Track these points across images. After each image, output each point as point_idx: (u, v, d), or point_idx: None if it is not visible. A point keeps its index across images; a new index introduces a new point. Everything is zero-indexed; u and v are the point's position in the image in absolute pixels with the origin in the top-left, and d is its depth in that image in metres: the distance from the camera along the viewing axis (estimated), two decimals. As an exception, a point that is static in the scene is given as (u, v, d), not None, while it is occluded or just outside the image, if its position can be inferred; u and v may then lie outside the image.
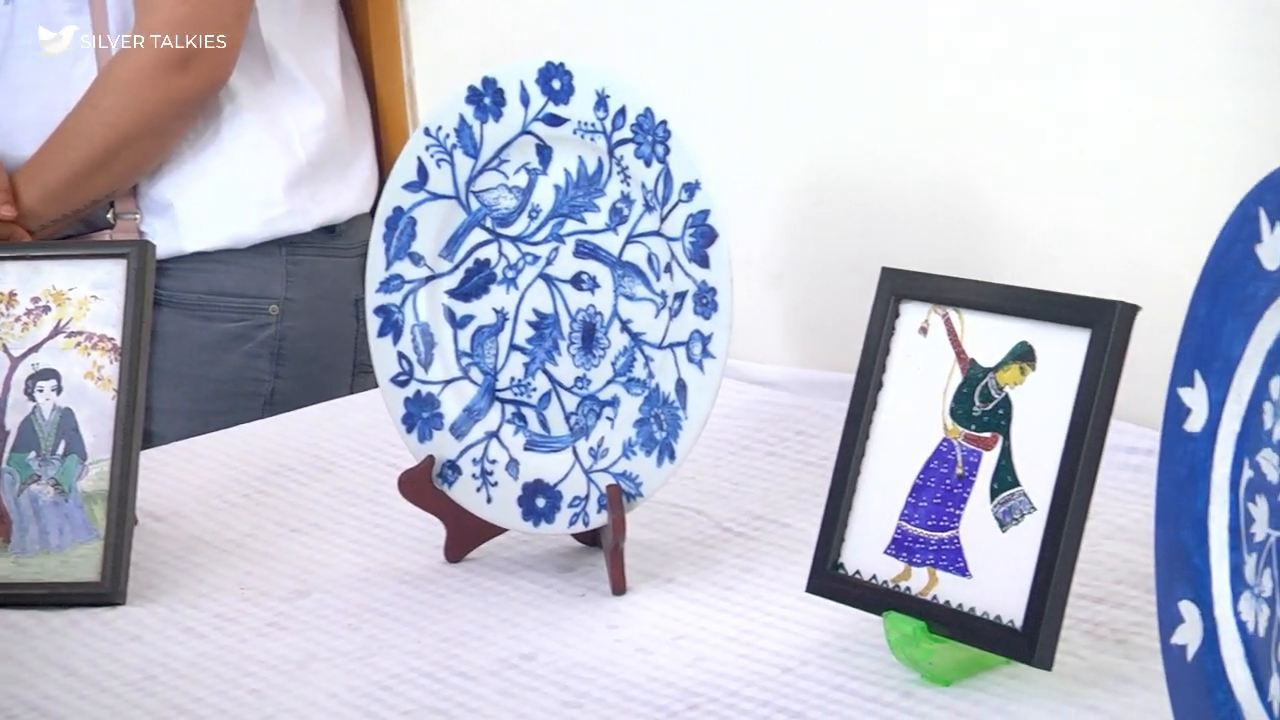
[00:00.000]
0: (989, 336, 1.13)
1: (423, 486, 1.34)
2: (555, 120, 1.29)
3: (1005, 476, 1.10)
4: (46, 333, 1.35)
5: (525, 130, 1.30)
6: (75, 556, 1.31)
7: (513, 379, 1.33)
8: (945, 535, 1.13)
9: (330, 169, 1.86)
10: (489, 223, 1.33)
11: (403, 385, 1.35)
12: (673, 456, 1.25)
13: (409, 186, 1.34)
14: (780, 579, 1.27)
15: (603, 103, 1.26)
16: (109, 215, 1.82)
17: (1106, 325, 1.07)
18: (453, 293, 1.34)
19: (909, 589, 1.13)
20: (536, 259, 1.32)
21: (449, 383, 1.35)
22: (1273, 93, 1.33)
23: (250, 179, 1.82)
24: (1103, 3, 1.43)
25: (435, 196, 1.33)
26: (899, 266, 1.18)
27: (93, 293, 1.36)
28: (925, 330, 1.16)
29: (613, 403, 1.29)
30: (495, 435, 1.33)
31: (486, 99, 1.31)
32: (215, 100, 1.80)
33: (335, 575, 1.34)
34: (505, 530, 1.34)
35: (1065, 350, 1.09)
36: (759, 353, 1.68)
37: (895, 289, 1.18)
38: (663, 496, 1.41)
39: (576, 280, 1.30)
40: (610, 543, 1.27)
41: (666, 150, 1.24)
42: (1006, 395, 1.11)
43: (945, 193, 1.54)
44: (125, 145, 1.77)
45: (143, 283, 1.35)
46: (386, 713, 1.13)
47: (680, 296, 1.25)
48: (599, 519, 1.28)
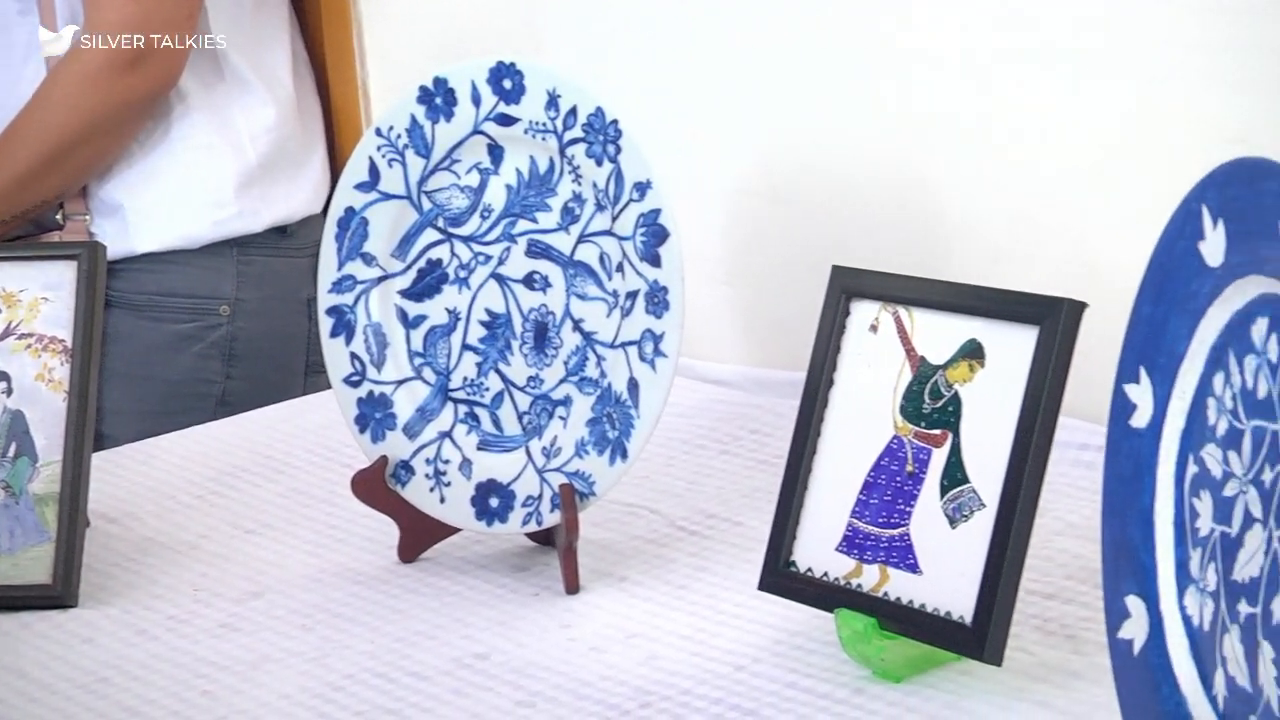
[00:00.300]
0: (939, 334, 1.14)
1: (376, 487, 1.33)
2: (507, 120, 1.29)
3: (955, 473, 1.11)
4: (-4, 335, 1.35)
5: (477, 130, 1.30)
6: (26, 559, 1.31)
7: (465, 379, 1.33)
8: (896, 532, 1.13)
9: (281, 169, 1.86)
10: (441, 223, 1.33)
11: (355, 385, 1.35)
12: (625, 455, 1.26)
13: (360, 187, 1.34)
14: (733, 577, 1.28)
15: (554, 102, 1.27)
16: (58, 216, 1.81)
17: (1054, 322, 1.07)
18: (405, 293, 1.34)
19: (860, 586, 1.14)
20: (489, 259, 1.32)
21: (402, 383, 1.35)
22: (1222, 90, 1.34)
23: (201, 180, 1.81)
24: (1054, 3, 1.43)
25: (387, 196, 1.33)
26: (851, 265, 1.19)
27: (43, 294, 1.35)
28: (876, 328, 1.17)
29: (565, 402, 1.29)
30: (448, 435, 1.33)
31: (438, 99, 1.31)
32: (165, 101, 1.79)
33: (289, 576, 1.34)
34: (459, 530, 1.34)
35: (1014, 347, 1.09)
36: (713, 352, 1.69)
37: (846, 287, 1.19)
38: (616, 495, 1.41)
39: (529, 280, 1.30)
40: (563, 542, 1.27)
41: (618, 150, 1.25)
42: (956, 392, 1.12)
43: (898, 191, 1.54)
44: (75, 146, 1.76)
45: (94, 284, 1.34)
46: (339, 713, 1.13)
47: (632, 295, 1.25)
48: (552, 518, 1.28)
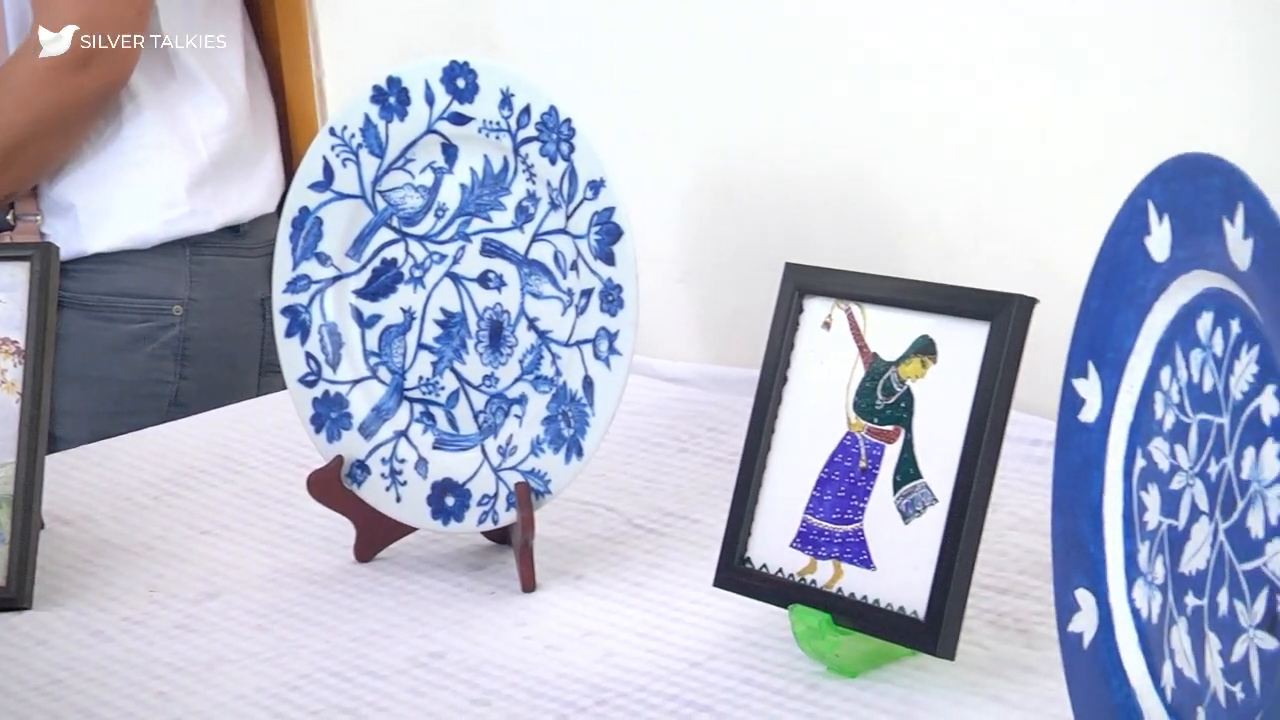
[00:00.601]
0: (891, 330, 1.14)
1: (331, 486, 1.33)
2: (460, 119, 1.29)
3: (908, 469, 1.11)
4: (-51, 337, 1.34)
5: (430, 129, 1.30)
6: (-20, 561, 1.30)
7: (421, 378, 1.33)
8: (850, 528, 1.13)
9: (234, 169, 1.85)
10: (395, 222, 1.33)
11: (311, 385, 1.35)
12: (580, 453, 1.26)
13: (315, 186, 1.34)
14: (689, 574, 1.28)
15: (507, 101, 1.27)
16: (9, 217, 1.81)
17: (1005, 318, 1.08)
18: (360, 292, 1.34)
19: (814, 582, 1.14)
20: (443, 258, 1.32)
21: (357, 382, 1.34)
22: (1173, 87, 1.35)
23: (152, 179, 1.81)
24: (1005, 6, 1.44)
25: (341, 196, 1.33)
26: (806, 263, 1.19)
27: (-5, 296, 1.35)
28: (829, 325, 1.17)
29: (521, 400, 1.29)
30: (404, 434, 1.33)
31: (391, 98, 1.31)
32: (116, 100, 1.79)
33: (244, 576, 1.34)
34: (415, 529, 1.34)
35: (965, 343, 1.10)
36: (670, 350, 1.69)
37: (799, 284, 1.19)
38: (573, 494, 1.41)
39: (483, 279, 1.30)
40: (519, 540, 1.27)
41: (571, 148, 1.25)
42: (908, 388, 1.12)
43: (853, 189, 1.55)
44: (25, 146, 1.75)
45: (46, 285, 1.34)
46: (295, 713, 1.13)
47: (586, 294, 1.26)
48: (508, 517, 1.29)
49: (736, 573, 1.18)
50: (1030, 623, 1.17)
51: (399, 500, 1.33)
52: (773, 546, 1.17)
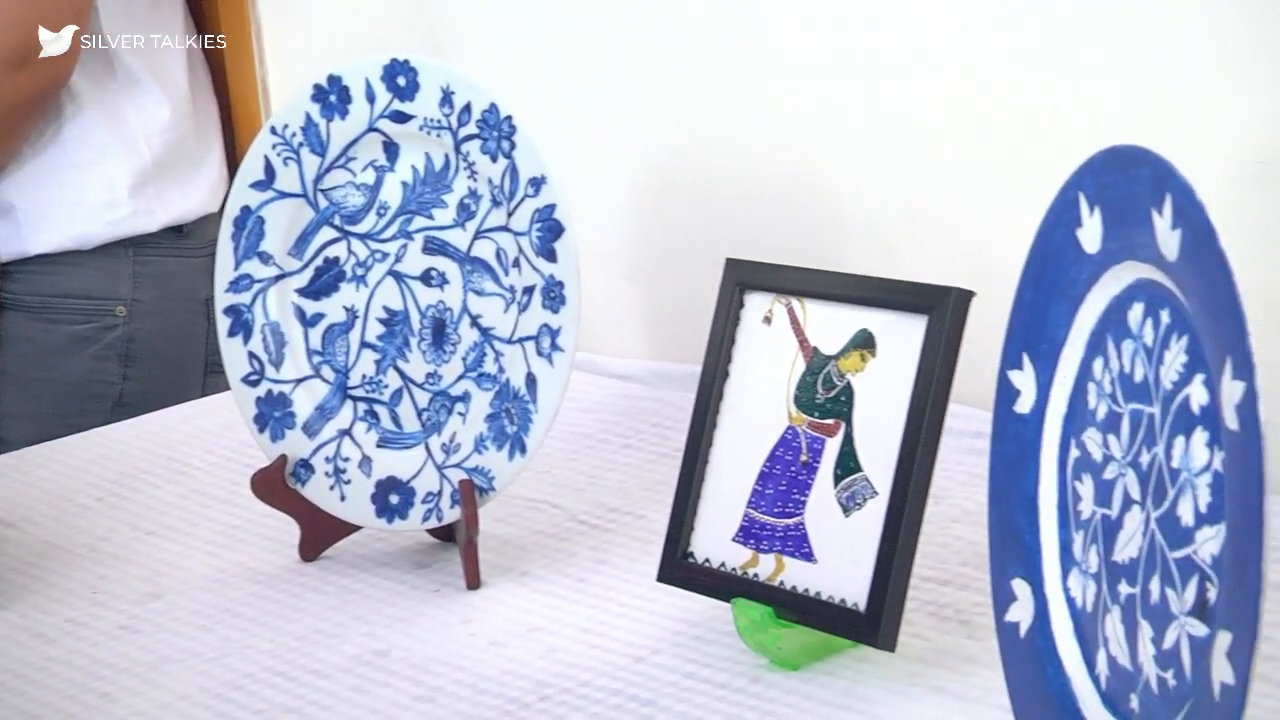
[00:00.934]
0: (831, 324, 1.15)
1: (275, 486, 1.33)
2: (401, 117, 1.29)
3: (848, 462, 1.12)
4: (-111, 339, 1.33)
5: (372, 127, 1.30)
6: (-78, 564, 1.30)
7: (364, 376, 1.33)
8: (791, 522, 1.14)
9: (177, 169, 1.85)
10: (337, 220, 1.33)
11: (254, 385, 1.35)
12: (524, 450, 1.26)
13: (256, 185, 1.33)
14: (633, 569, 1.28)
15: (448, 99, 1.27)
16: (-51, 220, 1.80)
17: (943, 311, 1.09)
18: (302, 291, 1.34)
19: (756, 575, 1.15)
20: (385, 256, 1.32)
21: (300, 381, 1.34)
22: (1108, 81, 1.36)
23: (94, 180, 1.80)
24: (944, 4, 1.45)
25: (283, 195, 1.33)
26: (749, 258, 1.20)
27: (-64, 298, 1.34)
28: (769, 320, 1.18)
29: (464, 398, 1.30)
30: (348, 433, 1.33)
31: (332, 96, 1.31)
32: (57, 101, 1.78)
33: (189, 577, 1.34)
34: (360, 528, 1.34)
35: (904, 336, 1.11)
36: (615, 347, 1.69)
37: (739, 279, 1.20)
38: (518, 490, 1.42)
39: (426, 277, 1.30)
40: (464, 538, 1.28)
41: (512, 145, 1.25)
42: (848, 382, 1.13)
43: (795, 185, 1.55)
44: (-35, 147, 1.75)
45: (-13, 287, 1.33)
46: (239, 712, 1.13)
47: (529, 291, 1.26)
48: (452, 514, 1.29)
49: (679, 567, 1.18)
50: (971, 614, 1.17)
51: (343, 499, 1.33)
52: (715, 541, 1.17)
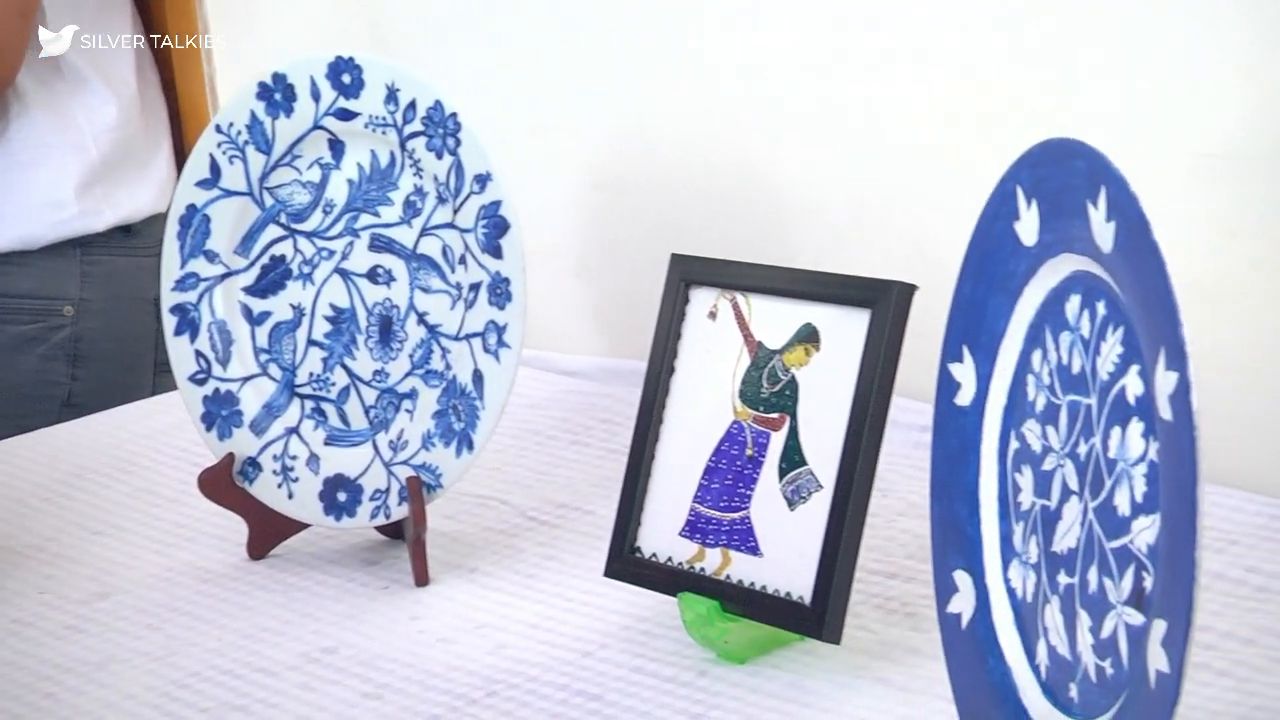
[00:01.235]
0: (775, 319, 1.15)
1: (222, 484, 1.33)
2: (346, 115, 1.29)
3: (793, 456, 1.12)
4: None
5: (317, 125, 1.30)
6: None
7: (311, 374, 1.33)
8: (737, 516, 1.14)
9: (125, 168, 1.84)
10: (283, 218, 1.33)
11: (201, 383, 1.35)
12: (471, 447, 1.26)
13: (202, 184, 1.33)
14: (582, 565, 1.28)
15: (393, 96, 1.27)
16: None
17: (886, 304, 1.09)
18: (249, 289, 1.34)
19: (703, 570, 1.15)
20: (332, 254, 1.32)
21: (248, 380, 1.34)
22: (1046, 74, 1.37)
23: (41, 180, 1.80)
24: (888, 2, 1.46)
25: (229, 193, 1.33)
26: (697, 254, 1.20)
27: (-120, 298, 1.33)
28: (714, 315, 1.18)
29: (411, 395, 1.30)
30: (295, 431, 1.33)
31: (277, 94, 1.31)
32: (3, 101, 1.77)
33: (137, 576, 1.33)
34: (308, 525, 1.34)
35: (847, 330, 1.11)
36: (565, 343, 1.69)
37: (684, 275, 1.20)
38: (467, 487, 1.42)
39: (372, 274, 1.30)
40: (412, 535, 1.28)
41: (457, 142, 1.25)
42: (793, 376, 1.13)
43: (742, 181, 1.56)
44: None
45: (-68, 287, 1.33)
46: (185, 711, 1.13)
47: (475, 288, 1.26)
48: (400, 511, 1.29)
49: (626, 562, 1.19)
50: (917, 606, 1.18)
51: (291, 497, 1.33)
52: (662, 535, 1.18)
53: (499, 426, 1.49)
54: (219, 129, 1.32)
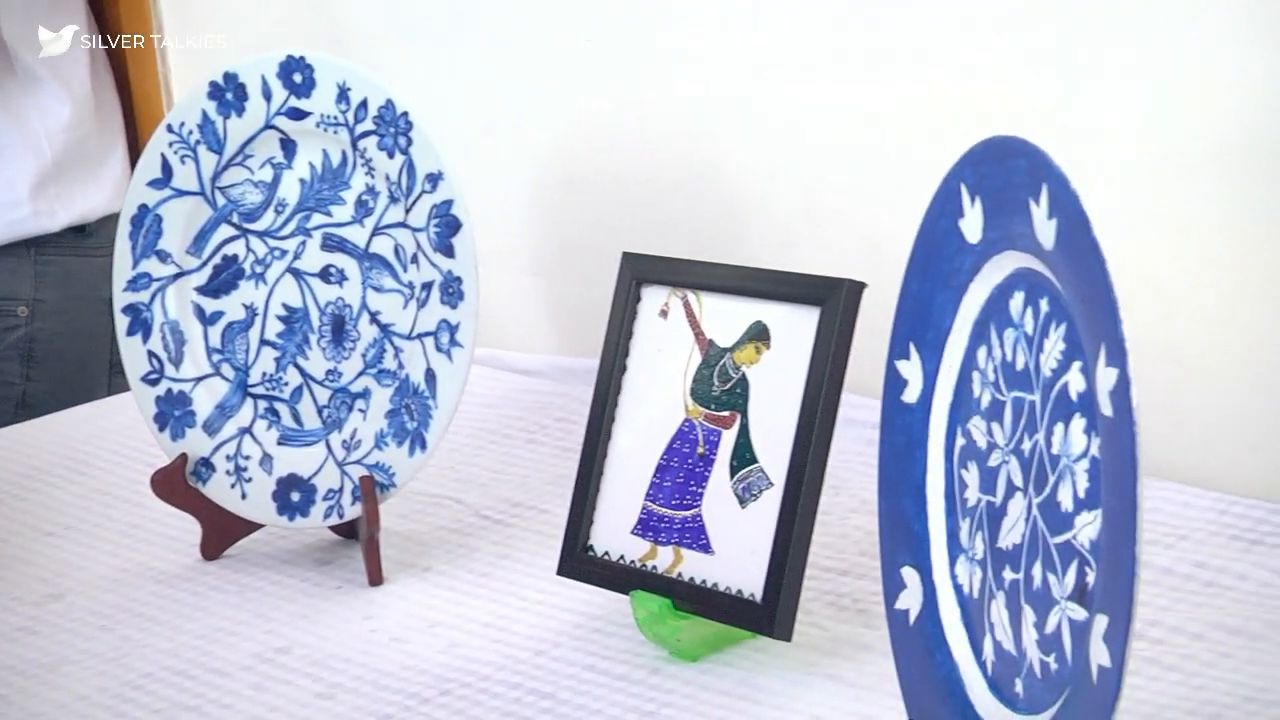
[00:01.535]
0: (726, 317, 1.15)
1: (175, 485, 1.33)
2: (298, 114, 1.29)
3: (744, 454, 1.13)
4: None
5: (268, 124, 1.30)
6: None
7: (264, 374, 1.33)
8: (689, 514, 1.15)
9: (79, 169, 1.84)
10: (236, 218, 1.32)
11: (153, 384, 1.34)
12: (424, 446, 1.26)
13: (153, 184, 1.33)
14: (536, 564, 1.29)
15: (344, 95, 1.27)
16: None
17: (835, 302, 1.10)
18: (201, 289, 1.34)
19: (655, 568, 1.15)
20: (284, 253, 1.31)
21: (200, 380, 1.34)
22: (996, 73, 1.37)
23: (-5, 180, 1.80)
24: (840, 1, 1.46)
25: (180, 193, 1.33)
26: (651, 252, 1.20)
27: None
28: (665, 313, 1.18)
29: (364, 394, 1.29)
30: (248, 431, 1.33)
31: (228, 94, 1.30)
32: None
33: (90, 577, 1.33)
34: (262, 526, 1.34)
35: (797, 328, 1.11)
36: (520, 342, 1.70)
37: (636, 273, 1.20)
38: (422, 487, 1.42)
39: (325, 273, 1.30)
40: (365, 534, 1.28)
41: (409, 142, 1.25)
42: (744, 374, 1.14)
43: (696, 180, 1.56)
44: None
45: (-118, 288, 1.32)
46: (138, 712, 1.13)
47: (427, 287, 1.26)
48: (354, 511, 1.29)
49: (579, 561, 1.19)
50: (869, 603, 1.18)
51: (244, 497, 1.33)
52: (614, 534, 1.18)
53: (454, 425, 1.49)
54: (170, 128, 1.32)
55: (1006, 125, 0.94)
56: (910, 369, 0.95)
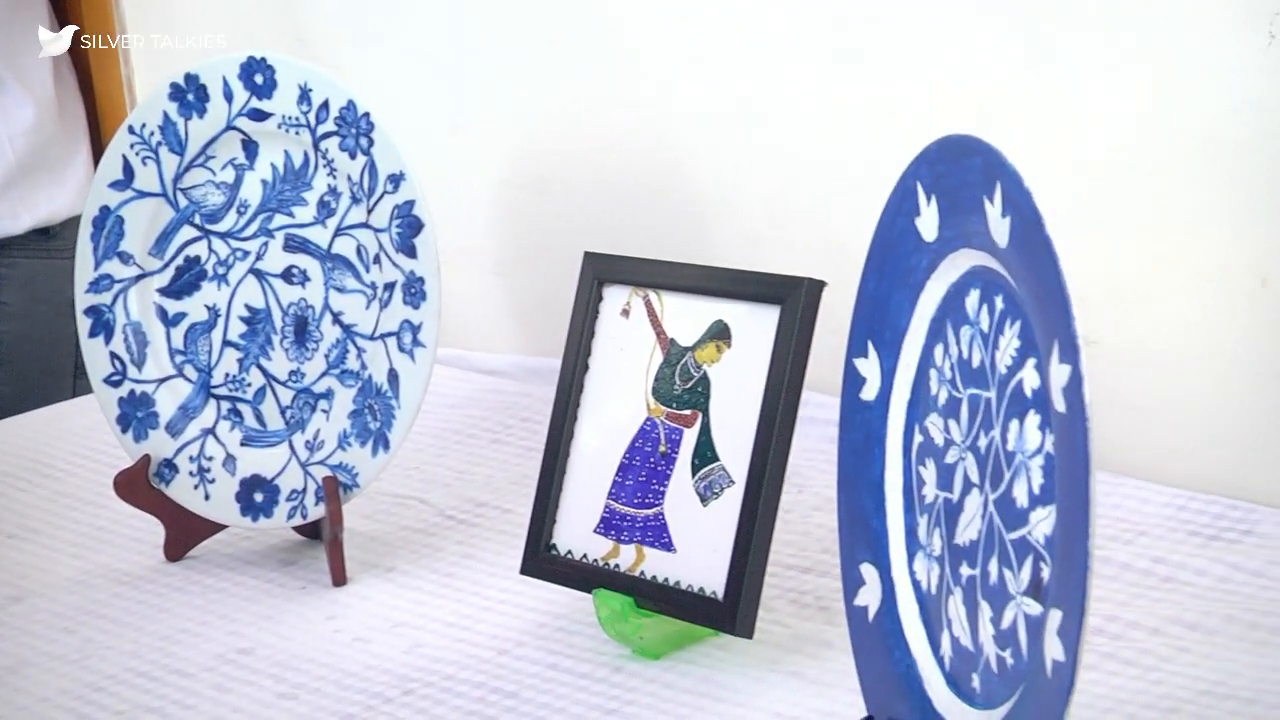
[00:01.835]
0: (687, 316, 1.16)
1: (138, 486, 1.33)
2: (260, 115, 1.29)
3: (705, 452, 1.13)
4: None
5: (230, 125, 1.30)
6: None
7: (227, 375, 1.33)
8: (651, 512, 1.15)
9: (42, 171, 1.83)
10: (198, 219, 1.32)
11: (116, 385, 1.34)
12: (387, 446, 1.26)
13: (115, 185, 1.33)
14: (500, 563, 1.29)
15: (306, 96, 1.27)
16: None
17: (795, 301, 1.10)
18: (164, 291, 1.34)
19: (617, 566, 1.16)
20: (246, 254, 1.31)
21: (163, 381, 1.34)
22: (957, 74, 1.38)
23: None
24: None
25: (142, 194, 1.33)
26: (615, 252, 1.20)
27: None
28: (627, 312, 1.19)
29: (327, 395, 1.30)
30: (211, 432, 1.33)
31: (190, 95, 1.30)
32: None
33: (53, 580, 1.33)
34: (225, 527, 1.34)
35: (758, 327, 1.12)
36: (485, 342, 1.70)
37: (598, 273, 1.21)
38: (386, 487, 1.42)
39: (287, 274, 1.30)
40: (329, 534, 1.28)
41: (370, 142, 1.25)
42: (705, 373, 1.14)
43: (661, 181, 1.56)
44: None
45: None
46: (100, 714, 1.13)
47: (390, 287, 1.26)
48: (317, 511, 1.29)
49: (542, 560, 1.19)
50: (830, 600, 1.19)
51: (208, 498, 1.33)
52: (577, 532, 1.18)
53: (419, 426, 1.50)
54: (132, 130, 1.32)
55: (970, 125, 0.94)
56: (868, 367, 0.95)
